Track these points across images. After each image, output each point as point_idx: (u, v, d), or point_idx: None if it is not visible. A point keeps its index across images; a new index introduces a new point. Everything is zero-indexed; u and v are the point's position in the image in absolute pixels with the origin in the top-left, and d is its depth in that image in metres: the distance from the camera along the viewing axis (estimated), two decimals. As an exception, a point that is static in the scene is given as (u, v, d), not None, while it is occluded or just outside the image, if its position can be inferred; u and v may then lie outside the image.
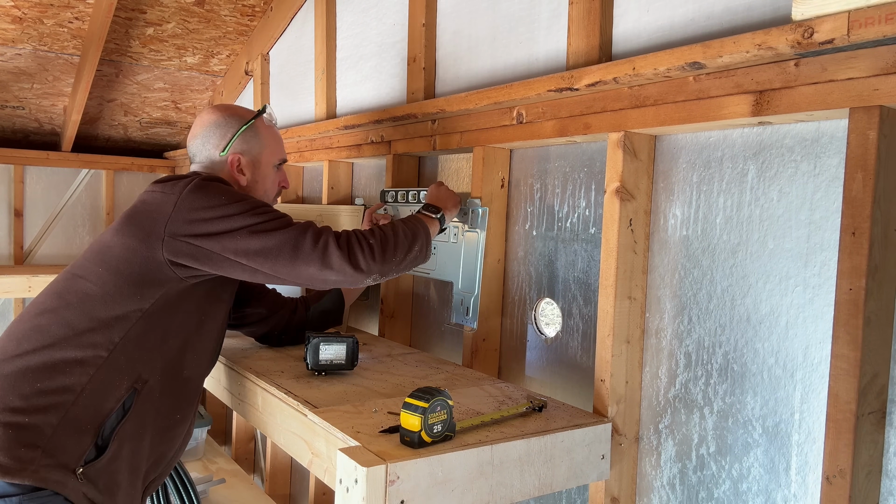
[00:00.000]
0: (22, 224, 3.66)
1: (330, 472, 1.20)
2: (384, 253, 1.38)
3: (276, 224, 1.36)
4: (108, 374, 1.29)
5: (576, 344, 1.54)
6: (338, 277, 1.35)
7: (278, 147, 1.62)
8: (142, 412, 1.34)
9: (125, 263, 1.34)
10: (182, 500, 1.83)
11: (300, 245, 1.34)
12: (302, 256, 1.33)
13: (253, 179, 1.57)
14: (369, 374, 1.58)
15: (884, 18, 0.89)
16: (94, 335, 1.29)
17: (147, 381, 1.34)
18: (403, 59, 2.09)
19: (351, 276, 1.35)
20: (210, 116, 1.57)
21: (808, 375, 1.13)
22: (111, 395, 1.29)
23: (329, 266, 1.33)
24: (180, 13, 2.75)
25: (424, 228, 1.50)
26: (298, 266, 1.34)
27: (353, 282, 1.37)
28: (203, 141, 1.55)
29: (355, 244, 1.35)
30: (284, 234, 1.34)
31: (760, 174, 1.20)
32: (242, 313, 1.75)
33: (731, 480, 1.24)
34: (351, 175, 2.42)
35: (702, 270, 1.29)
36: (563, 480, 1.24)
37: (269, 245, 1.33)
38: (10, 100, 3.20)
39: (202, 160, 1.56)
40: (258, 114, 1.59)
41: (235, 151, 1.54)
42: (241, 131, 1.54)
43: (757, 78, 1.11)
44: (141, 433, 1.35)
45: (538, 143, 1.59)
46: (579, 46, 1.46)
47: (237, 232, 1.33)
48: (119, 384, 1.30)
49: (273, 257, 1.33)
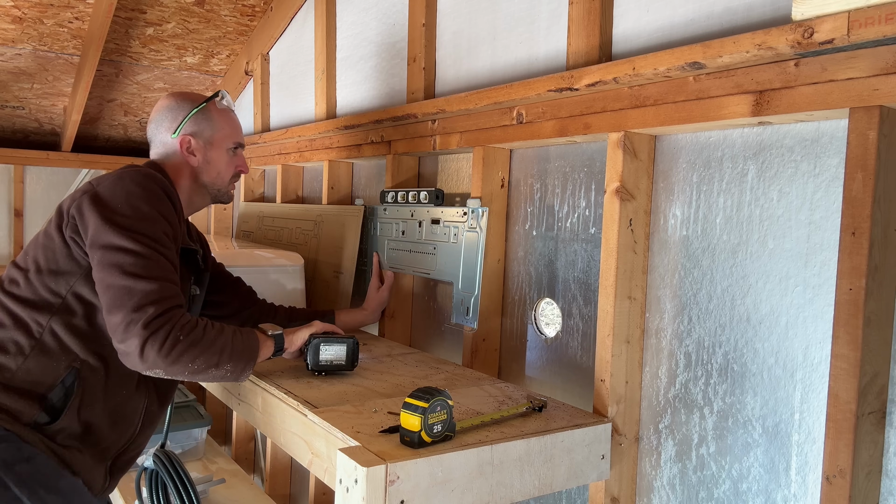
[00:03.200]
0: (22, 224, 3.67)
1: (330, 472, 1.20)
2: (181, 356, 1.26)
3: (142, 269, 1.28)
4: (42, 354, 1.35)
5: (576, 344, 1.54)
6: (123, 353, 1.27)
7: (233, 131, 1.65)
8: (88, 390, 1.38)
9: (42, 250, 1.40)
10: (182, 500, 1.83)
11: (126, 302, 1.25)
12: (117, 313, 1.25)
13: (204, 160, 1.60)
14: (369, 374, 1.58)
15: (884, 18, 0.89)
16: (24, 319, 1.37)
17: (85, 360, 1.38)
18: (403, 59, 2.09)
19: (133, 361, 1.26)
20: (165, 101, 1.62)
21: (808, 375, 1.13)
22: (49, 374, 1.35)
23: (122, 340, 1.25)
24: (180, 13, 2.75)
25: (251, 352, 1.39)
26: (110, 317, 1.26)
27: (133, 366, 1.27)
28: (157, 124, 1.60)
29: (161, 334, 1.24)
30: (133, 282, 1.26)
31: (760, 174, 1.20)
32: (215, 300, 1.79)
33: (731, 480, 1.24)
34: (351, 175, 2.42)
35: (702, 270, 1.29)
36: (563, 480, 1.24)
37: (113, 282, 1.27)
38: (10, 100, 3.20)
39: (157, 143, 1.61)
40: (211, 98, 1.63)
41: (186, 133, 1.58)
42: (192, 114, 1.58)
43: (757, 78, 1.11)
44: (90, 408, 1.39)
45: (538, 143, 1.59)
46: (579, 46, 1.46)
47: (109, 250, 1.29)
48: (56, 365, 1.36)
49: (104, 290, 1.28)
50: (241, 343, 1.38)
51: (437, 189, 1.86)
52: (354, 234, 2.14)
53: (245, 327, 1.46)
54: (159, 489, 1.89)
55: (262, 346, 1.43)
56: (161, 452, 1.88)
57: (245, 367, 1.38)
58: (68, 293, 1.37)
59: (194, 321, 1.31)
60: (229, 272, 1.87)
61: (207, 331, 1.32)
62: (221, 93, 1.65)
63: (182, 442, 2.66)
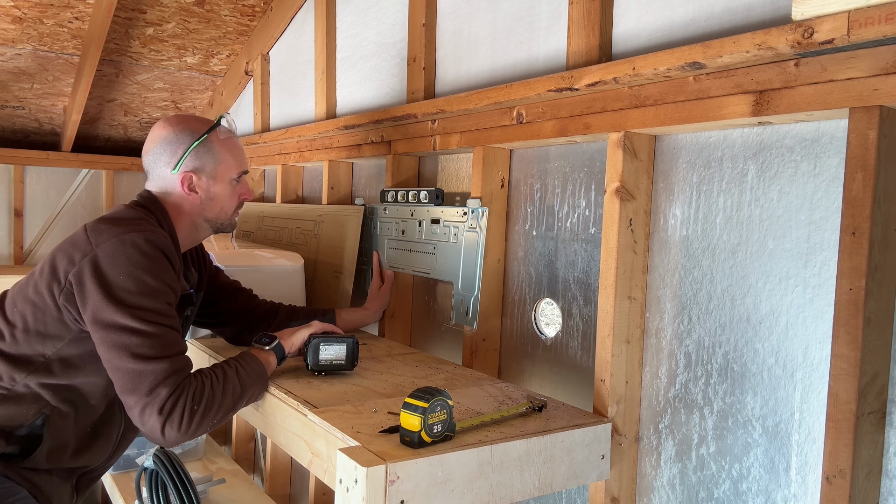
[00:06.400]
0: (22, 224, 3.66)
1: (330, 472, 1.20)
2: (200, 424, 1.28)
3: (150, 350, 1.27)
4: (10, 402, 1.36)
5: (576, 344, 1.54)
6: (143, 432, 1.29)
7: (236, 160, 1.55)
8: (57, 431, 1.39)
9: (31, 308, 1.37)
10: (182, 500, 1.83)
11: (138, 386, 1.25)
12: (130, 396, 1.26)
13: (207, 197, 1.52)
14: (369, 374, 1.58)
15: (884, 18, 0.89)
16: (1, 368, 1.37)
17: (55, 406, 1.38)
18: (403, 59, 2.09)
19: (155, 440, 1.28)
20: (161, 132, 1.50)
21: (808, 375, 1.13)
22: (17, 417, 1.36)
23: (142, 423, 1.27)
24: (180, 13, 2.75)
25: (260, 379, 1.42)
26: (123, 397, 1.28)
27: (156, 443, 1.32)
28: (155, 158, 1.50)
29: (177, 413, 1.25)
30: (143, 365, 1.26)
31: (760, 174, 1.20)
32: (213, 311, 1.76)
33: (731, 480, 1.24)
34: (351, 175, 2.42)
35: (702, 270, 1.29)
36: (563, 480, 1.24)
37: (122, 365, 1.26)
38: (10, 100, 3.20)
39: (155, 177, 1.52)
40: (212, 127, 1.52)
41: (187, 169, 1.48)
42: (192, 148, 1.48)
43: (757, 78, 1.11)
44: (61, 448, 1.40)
45: (538, 143, 1.59)
46: (579, 46, 1.46)
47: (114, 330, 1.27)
48: (25, 411, 1.37)
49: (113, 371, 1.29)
50: (248, 376, 1.39)
51: (437, 189, 1.86)
52: (354, 234, 2.14)
53: (244, 353, 1.45)
54: (159, 489, 1.89)
55: (266, 366, 1.44)
56: (161, 452, 1.88)
57: (260, 393, 1.43)
58: (53, 355, 1.37)
59: (201, 384, 1.29)
60: (227, 278, 1.84)
61: (216, 387, 1.31)
62: (222, 119, 1.55)
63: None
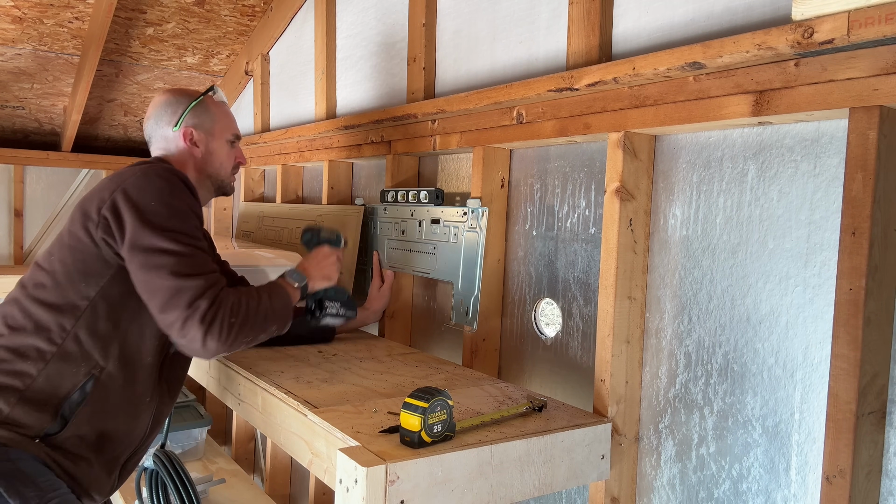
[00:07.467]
0: (22, 224, 3.66)
1: (330, 472, 1.20)
2: (237, 337, 1.32)
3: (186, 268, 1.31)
4: (63, 360, 1.35)
5: (576, 344, 1.54)
6: (184, 346, 1.32)
7: (230, 123, 1.68)
8: (102, 396, 1.39)
9: (69, 251, 1.39)
10: (182, 500, 1.83)
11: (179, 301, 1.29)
12: (172, 311, 1.29)
13: (207, 152, 1.62)
14: (369, 374, 1.58)
15: (884, 18, 0.89)
16: (48, 324, 1.36)
17: (104, 367, 1.38)
18: (403, 59, 2.09)
19: (195, 352, 1.32)
20: (161, 98, 1.64)
21: (808, 375, 1.13)
22: (67, 381, 1.35)
23: (182, 336, 1.29)
24: (180, 13, 2.75)
25: (287, 306, 1.46)
26: (163, 315, 1.30)
27: (195, 355, 1.36)
28: (156, 120, 1.61)
29: (217, 324, 1.29)
30: (181, 282, 1.29)
31: (760, 174, 1.20)
32: None
33: (731, 480, 1.24)
34: (351, 175, 2.42)
35: (702, 270, 1.29)
36: (563, 480, 1.24)
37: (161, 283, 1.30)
38: (10, 100, 3.20)
39: (157, 139, 1.61)
40: (207, 91, 1.65)
41: (187, 125, 1.59)
42: (191, 106, 1.60)
43: (757, 78, 1.11)
44: (103, 416, 1.39)
45: (538, 143, 1.59)
46: (579, 46, 1.46)
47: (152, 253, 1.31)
48: (75, 371, 1.36)
49: (153, 291, 1.31)
50: (279, 302, 1.44)
51: (437, 189, 1.86)
52: (354, 234, 2.14)
53: (274, 283, 1.51)
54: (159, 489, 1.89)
55: (292, 297, 1.50)
56: (161, 452, 1.88)
57: (286, 322, 1.46)
58: (97, 296, 1.37)
59: (237, 300, 1.34)
60: (233, 270, 1.87)
61: (251, 305, 1.36)
62: (215, 87, 1.68)
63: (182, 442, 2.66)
